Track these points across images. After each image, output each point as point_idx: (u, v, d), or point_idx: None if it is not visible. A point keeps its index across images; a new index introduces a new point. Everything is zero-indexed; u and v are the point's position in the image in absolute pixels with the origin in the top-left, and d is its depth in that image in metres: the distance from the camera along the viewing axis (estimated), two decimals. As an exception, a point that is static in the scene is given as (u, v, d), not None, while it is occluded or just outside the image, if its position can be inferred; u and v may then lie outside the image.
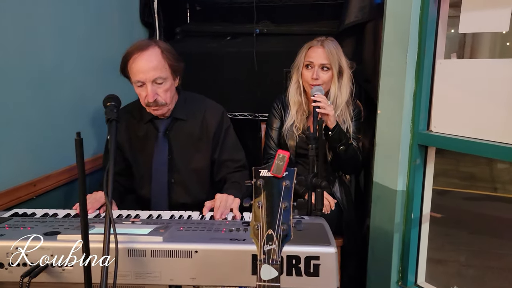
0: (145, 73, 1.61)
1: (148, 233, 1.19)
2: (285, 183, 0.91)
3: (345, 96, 1.98)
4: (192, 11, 3.01)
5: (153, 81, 1.63)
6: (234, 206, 1.56)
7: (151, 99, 1.64)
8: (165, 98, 1.68)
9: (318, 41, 1.97)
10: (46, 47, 1.83)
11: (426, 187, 1.82)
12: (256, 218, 0.90)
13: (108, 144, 1.86)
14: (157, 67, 1.63)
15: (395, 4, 1.73)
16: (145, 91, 1.64)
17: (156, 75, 1.62)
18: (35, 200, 1.80)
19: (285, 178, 0.91)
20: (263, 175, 0.92)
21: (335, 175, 2.07)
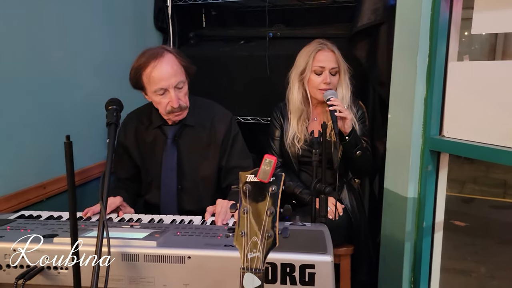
0: (167, 79, 1.61)
1: (143, 237, 1.19)
2: (272, 188, 0.88)
3: (349, 97, 1.95)
4: (208, 16, 3.03)
5: (175, 87, 1.63)
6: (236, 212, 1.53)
7: (176, 104, 1.63)
8: (186, 102, 1.69)
9: (323, 44, 1.93)
10: (57, 50, 1.87)
11: (439, 195, 1.75)
12: (241, 225, 0.87)
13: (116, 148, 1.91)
14: (177, 71, 1.64)
15: (405, 6, 1.68)
16: (167, 97, 1.63)
17: (178, 79, 1.63)
18: (45, 203, 1.83)
19: (272, 183, 0.89)
20: (249, 180, 0.90)
21: (343, 180, 2.01)
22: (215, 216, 1.51)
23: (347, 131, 1.80)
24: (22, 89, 1.70)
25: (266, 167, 0.88)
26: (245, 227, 0.87)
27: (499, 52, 7.10)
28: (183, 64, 1.66)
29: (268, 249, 0.85)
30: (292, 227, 1.37)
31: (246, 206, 0.88)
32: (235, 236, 0.87)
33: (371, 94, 2.27)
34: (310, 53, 1.92)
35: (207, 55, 2.61)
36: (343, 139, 1.81)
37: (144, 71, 1.62)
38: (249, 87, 2.56)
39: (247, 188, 0.89)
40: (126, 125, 1.84)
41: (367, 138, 1.99)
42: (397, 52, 1.74)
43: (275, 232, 0.86)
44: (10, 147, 1.67)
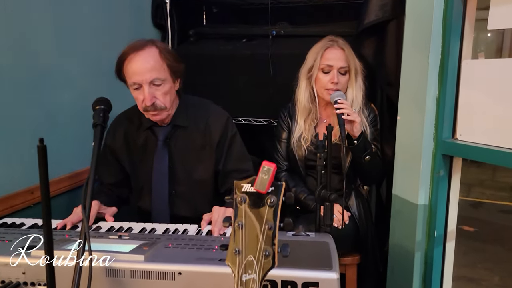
0: (141, 74, 1.50)
1: (130, 250, 1.08)
2: (271, 200, 0.77)
3: (360, 99, 1.83)
4: (209, 13, 2.92)
5: (150, 83, 1.51)
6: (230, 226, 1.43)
7: (149, 102, 1.52)
8: (164, 102, 1.55)
9: (333, 42, 1.82)
10: (46, 48, 1.77)
11: (451, 202, 1.64)
12: (235, 241, 0.77)
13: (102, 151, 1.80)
14: (155, 67, 1.51)
15: (416, 1, 1.57)
16: (142, 94, 1.53)
17: (153, 76, 1.51)
18: (33, 209, 1.73)
19: (270, 194, 0.78)
20: (245, 190, 0.79)
21: (351, 187, 1.90)
22: (211, 225, 1.41)
23: (356, 134, 1.69)
24: (9, 89, 1.60)
25: (264, 175, 0.77)
26: (240, 244, 0.76)
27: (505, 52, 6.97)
28: (167, 62, 1.54)
29: (266, 271, 0.74)
30: (294, 238, 1.26)
31: (241, 220, 0.77)
32: (228, 254, 0.76)
33: (378, 95, 2.16)
34: (318, 50, 1.82)
35: (207, 54, 2.51)
36: (351, 143, 1.71)
37: (124, 63, 1.52)
38: (251, 87, 2.46)
39: (243, 199, 0.78)
40: (115, 127, 1.73)
41: (378, 143, 1.88)
42: (407, 50, 1.63)
43: (274, 250, 0.75)
44: (0, 151, 1.58)
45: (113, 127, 1.75)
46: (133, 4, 2.35)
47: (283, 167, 1.95)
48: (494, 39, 7.03)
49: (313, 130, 1.89)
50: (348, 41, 2.19)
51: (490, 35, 6.84)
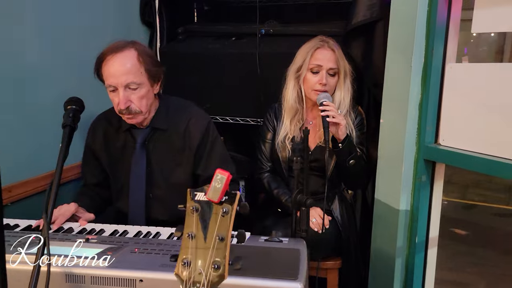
0: (117, 77, 1.47)
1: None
2: (223, 210, 0.75)
3: (348, 102, 1.79)
4: (200, 11, 2.89)
5: (125, 86, 1.49)
6: None
7: (123, 106, 1.50)
8: (139, 106, 1.53)
9: (324, 42, 1.78)
10: (28, 45, 1.74)
11: (433, 208, 1.61)
12: (184, 252, 0.74)
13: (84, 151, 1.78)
14: (131, 71, 1.48)
15: (399, 3, 1.54)
16: (118, 97, 1.50)
17: (129, 79, 1.48)
18: (10, 207, 1.70)
19: (223, 203, 0.75)
20: (198, 199, 0.77)
21: (335, 191, 1.87)
22: None
23: (341, 138, 1.66)
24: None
25: (217, 184, 0.75)
26: (189, 255, 0.73)
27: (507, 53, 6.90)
28: (145, 66, 1.51)
29: (215, 284, 0.72)
30: (266, 243, 1.24)
31: (192, 230, 0.74)
32: (178, 265, 0.74)
33: (365, 96, 2.13)
34: (308, 50, 1.78)
35: (195, 52, 2.48)
36: (336, 146, 1.68)
37: (102, 63, 1.51)
38: (239, 86, 2.42)
39: (195, 209, 0.76)
40: (95, 127, 1.71)
41: (363, 147, 1.84)
42: (390, 52, 1.60)
43: (224, 263, 0.72)
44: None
45: (93, 127, 1.72)
46: (120, 2, 2.32)
47: (266, 168, 1.92)
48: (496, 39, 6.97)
49: (299, 131, 1.86)
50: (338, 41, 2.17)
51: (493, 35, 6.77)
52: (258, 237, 1.30)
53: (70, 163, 1.99)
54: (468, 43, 4.74)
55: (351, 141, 1.71)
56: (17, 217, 1.52)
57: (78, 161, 1.99)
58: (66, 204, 1.48)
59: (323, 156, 1.76)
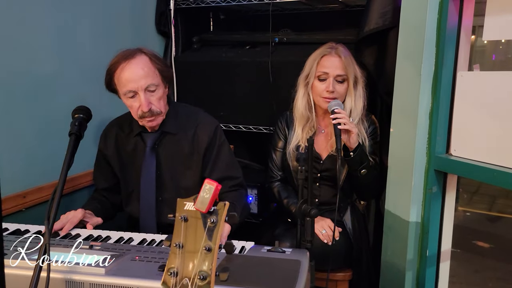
0: (136, 81, 1.51)
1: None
2: (211, 220, 0.74)
3: (360, 109, 1.76)
4: (216, 20, 2.92)
5: (145, 89, 1.53)
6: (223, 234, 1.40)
7: (146, 108, 1.53)
8: (159, 107, 1.57)
9: (332, 49, 1.76)
10: (44, 54, 1.80)
11: (445, 220, 1.56)
12: (171, 262, 0.74)
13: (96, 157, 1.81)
14: (148, 74, 1.53)
15: (409, 9, 1.51)
16: (138, 101, 1.54)
17: (148, 82, 1.52)
18: (24, 213, 1.75)
19: (211, 214, 0.75)
20: (187, 208, 0.77)
21: (347, 201, 1.84)
22: None
23: (353, 146, 1.63)
24: (6, 94, 1.64)
25: (205, 194, 0.75)
26: (176, 265, 0.73)
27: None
28: (158, 67, 1.55)
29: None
30: (268, 254, 1.23)
31: (180, 240, 0.74)
32: (164, 275, 0.74)
33: (378, 104, 2.09)
34: (315, 57, 1.77)
35: (208, 61, 2.50)
36: (347, 155, 1.65)
37: (115, 73, 1.53)
38: (252, 95, 2.43)
39: (183, 218, 0.76)
40: (106, 133, 1.75)
41: (376, 156, 1.81)
42: (400, 60, 1.57)
43: (211, 274, 0.72)
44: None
45: (105, 133, 1.76)
46: (136, 13, 2.37)
47: (276, 176, 1.91)
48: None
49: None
50: (351, 49, 2.15)
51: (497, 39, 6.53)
52: (262, 247, 1.29)
53: (85, 169, 2.04)
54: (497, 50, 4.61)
55: (363, 150, 1.68)
56: (30, 223, 1.55)
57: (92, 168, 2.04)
58: (73, 211, 1.51)
59: (334, 165, 1.74)
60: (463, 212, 4.20)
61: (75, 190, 2.03)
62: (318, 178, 1.80)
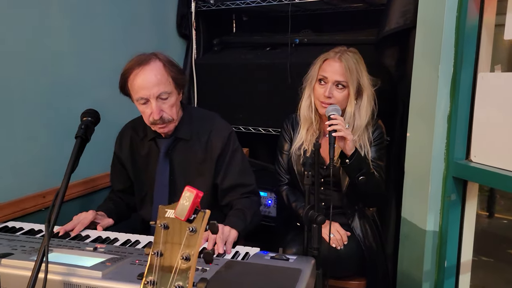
0: (148, 89, 1.50)
1: (91, 266, 1.08)
2: (190, 228, 0.72)
3: (365, 119, 1.67)
4: (238, 22, 2.91)
5: (157, 97, 1.52)
6: (229, 239, 1.38)
7: (157, 116, 1.52)
8: (171, 114, 1.56)
9: (336, 53, 1.69)
10: (63, 58, 1.85)
11: (465, 230, 1.48)
12: (149, 271, 0.72)
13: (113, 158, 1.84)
14: (161, 81, 1.51)
15: (426, 7, 1.44)
16: (150, 108, 1.53)
17: (160, 90, 1.51)
18: (44, 212, 1.80)
19: (191, 222, 0.73)
20: (167, 216, 0.75)
21: (354, 208, 1.78)
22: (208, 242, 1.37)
23: (349, 153, 1.57)
24: (26, 97, 1.69)
25: (185, 202, 0.73)
26: (154, 275, 0.72)
27: None
28: (172, 75, 1.53)
29: (176, 306, 0.69)
30: (271, 261, 1.19)
31: (159, 248, 0.73)
32: (141, 284, 0.72)
33: (400, 107, 2.01)
34: (320, 60, 1.73)
35: (228, 63, 2.50)
36: (344, 162, 1.59)
37: (128, 78, 1.53)
38: (271, 97, 2.41)
39: (164, 226, 0.74)
40: (122, 136, 1.76)
41: (382, 162, 1.73)
42: (417, 61, 1.50)
43: (187, 284, 0.70)
44: (11, 154, 1.66)
45: (120, 136, 1.78)
46: (157, 16, 2.39)
47: (284, 180, 1.87)
48: None
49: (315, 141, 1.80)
50: (369, 49, 2.08)
51: None
52: (266, 253, 1.26)
53: (104, 171, 2.08)
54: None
55: (360, 157, 1.60)
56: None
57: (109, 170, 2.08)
58: (85, 212, 1.54)
59: (338, 171, 1.70)
60: (499, 219, 3.99)
61: (95, 191, 2.07)
62: (322, 183, 1.75)
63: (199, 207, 0.75)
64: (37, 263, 1.00)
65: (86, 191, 2.01)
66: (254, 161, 2.76)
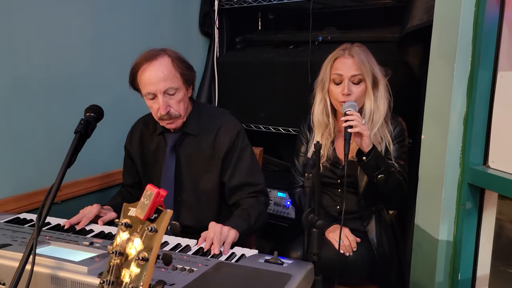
0: (155, 84, 1.52)
1: (79, 261, 1.08)
2: (150, 228, 0.70)
3: (383, 110, 1.63)
4: (264, 20, 2.88)
5: (164, 92, 1.53)
6: (227, 240, 1.36)
7: (164, 111, 1.54)
8: (178, 110, 1.57)
9: (345, 50, 1.66)
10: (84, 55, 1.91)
11: (482, 241, 1.37)
12: (108, 271, 0.71)
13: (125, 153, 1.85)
14: (168, 77, 1.52)
15: (443, 3, 1.34)
16: (157, 103, 1.55)
17: (167, 85, 1.52)
18: (60, 205, 1.86)
19: (151, 222, 0.71)
20: (130, 214, 0.73)
21: (371, 210, 1.70)
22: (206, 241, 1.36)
23: (365, 149, 1.51)
24: (47, 91, 1.76)
25: (146, 200, 0.71)
26: (111, 275, 0.70)
27: None
28: (180, 71, 1.54)
29: (129, 308, 0.67)
30: (262, 265, 1.16)
31: (119, 248, 0.71)
32: (99, 285, 0.71)
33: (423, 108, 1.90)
34: (329, 60, 1.70)
35: (249, 61, 2.47)
36: (361, 160, 1.53)
37: (137, 73, 1.55)
38: (291, 96, 2.36)
39: (125, 225, 0.72)
40: (133, 130, 1.79)
41: (404, 162, 1.65)
42: (433, 59, 1.41)
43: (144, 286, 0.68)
44: (29, 148, 1.72)
45: (131, 131, 1.81)
46: (179, 12, 2.40)
47: (298, 182, 1.82)
48: None
49: (331, 145, 1.74)
50: (392, 47, 1.99)
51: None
52: (262, 256, 1.23)
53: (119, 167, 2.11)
54: None
55: (379, 154, 1.54)
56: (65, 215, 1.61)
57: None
58: (89, 206, 1.56)
59: (355, 171, 1.64)
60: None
61: (111, 186, 2.12)
62: (339, 184, 1.69)
63: (163, 206, 0.73)
64: (24, 255, 1.01)
65: (102, 186, 2.06)
66: (276, 161, 2.72)
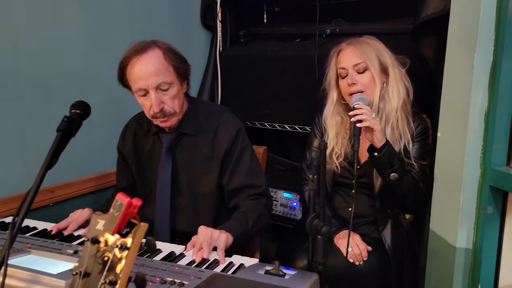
0: (146, 79, 1.39)
1: (57, 273, 0.98)
2: (120, 245, 0.60)
3: (396, 101, 1.51)
4: (270, 12, 2.76)
5: (156, 88, 1.40)
6: (219, 245, 1.25)
7: (157, 108, 1.42)
8: (172, 106, 1.44)
9: (344, 43, 1.60)
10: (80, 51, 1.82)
11: (505, 249, 1.24)
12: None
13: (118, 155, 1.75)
14: (160, 70, 1.40)
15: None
16: (149, 100, 1.42)
17: (159, 80, 1.39)
18: (52, 207, 1.77)
19: (122, 237, 0.60)
20: (98, 228, 0.63)
21: (387, 214, 1.58)
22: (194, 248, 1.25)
23: (377, 145, 1.40)
24: (40, 89, 1.67)
25: (115, 212, 0.60)
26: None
27: None
28: (173, 64, 1.42)
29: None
30: (261, 277, 1.05)
31: (84, 267, 0.61)
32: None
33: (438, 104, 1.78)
34: (333, 56, 1.62)
35: (253, 56, 2.36)
36: (372, 156, 1.41)
37: (126, 68, 1.42)
38: (297, 92, 2.24)
39: (92, 240, 0.62)
40: (126, 130, 1.68)
41: (426, 161, 1.52)
42: (451, 49, 1.29)
43: (110, 314, 0.57)
44: (19, 148, 1.64)
45: (124, 130, 1.70)
46: (179, 5, 2.30)
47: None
48: None
49: (347, 143, 1.62)
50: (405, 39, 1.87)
51: None
52: (263, 266, 1.12)
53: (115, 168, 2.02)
54: None
55: (392, 150, 1.42)
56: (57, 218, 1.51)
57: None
58: (80, 209, 1.46)
59: (372, 171, 1.53)
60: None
61: (107, 187, 2.02)
62: (354, 185, 1.57)
63: (137, 219, 0.62)
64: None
65: (95, 188, 1.97)
66: (282, 160, 2.61)
